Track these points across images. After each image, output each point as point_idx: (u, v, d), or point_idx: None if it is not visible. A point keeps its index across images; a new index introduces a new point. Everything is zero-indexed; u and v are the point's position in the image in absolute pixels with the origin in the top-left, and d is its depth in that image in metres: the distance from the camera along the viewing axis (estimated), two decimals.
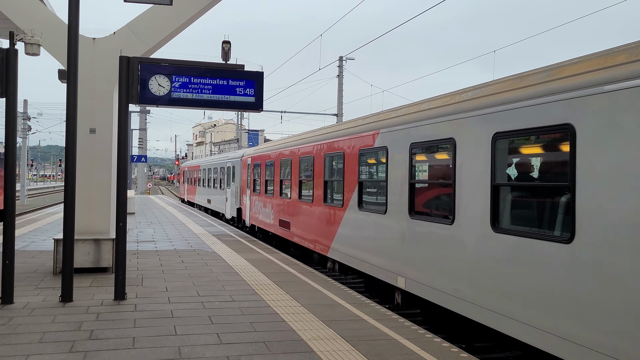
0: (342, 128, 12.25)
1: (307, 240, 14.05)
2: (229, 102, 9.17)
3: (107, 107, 11.33)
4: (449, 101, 8.16)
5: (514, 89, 6.73)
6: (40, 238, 16.70)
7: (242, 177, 23.22)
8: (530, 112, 6.29)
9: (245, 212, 22.22)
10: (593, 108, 5.45)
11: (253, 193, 20.75)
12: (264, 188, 18.86)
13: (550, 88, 6.07)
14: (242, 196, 22.79)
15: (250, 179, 21.30)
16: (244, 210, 22.67)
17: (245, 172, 22.64)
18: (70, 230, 8.55)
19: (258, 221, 19.76)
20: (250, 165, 21.39)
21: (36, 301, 8.55)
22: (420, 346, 6.58)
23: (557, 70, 6.17)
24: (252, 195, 20.87)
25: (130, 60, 8.80)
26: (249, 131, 76.53)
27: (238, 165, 23.83)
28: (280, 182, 16.87)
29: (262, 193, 19.12)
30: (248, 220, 21.61)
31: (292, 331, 7.13)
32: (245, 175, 22.45)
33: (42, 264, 12.00)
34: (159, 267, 11.92)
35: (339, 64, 37.05)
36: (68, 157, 8.66)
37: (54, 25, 11.25)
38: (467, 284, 7.27)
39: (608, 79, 5.30)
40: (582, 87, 5.62)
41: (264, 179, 18.99)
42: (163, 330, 7.07)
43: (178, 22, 11.52)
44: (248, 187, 21.72)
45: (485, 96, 7.27)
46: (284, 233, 16.37)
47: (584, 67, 5.71)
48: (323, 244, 12.77)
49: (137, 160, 48.75)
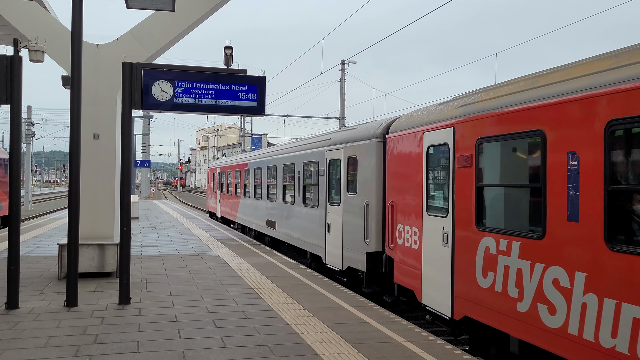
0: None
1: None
2: (232, 107, 9.22)
3: (110, 113, 11.40)
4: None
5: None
6: (44, 243, 16.76)
7: (391, 180, 9.86)
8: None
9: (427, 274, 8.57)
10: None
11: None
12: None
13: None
14: (392, 223, 9.66)
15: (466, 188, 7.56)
16: (401, 261, 9.37)
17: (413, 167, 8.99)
18: (74, 235, 8.61)
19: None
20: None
21: (41, 306, 8.60)
22: (424, 348, 6.60)
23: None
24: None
25: (133, 66, 8.87)
26: (252, 135, 76.75)
27: (371, 155, 10.70)
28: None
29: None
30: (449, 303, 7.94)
31: (296, 334, 7.15)
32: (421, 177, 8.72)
33: (46, 269, 12.06)
34: (163, 271, 11.96)
35: (341, 67, 37.13)
36: (72, 163, 8.73)
37: (57, 32, 11.34)
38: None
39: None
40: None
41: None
42: (167, 334, 7.10)
43: (180, 27, 11.60)
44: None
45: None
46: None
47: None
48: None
49: (141, 165, 48.81)
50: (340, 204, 12.03)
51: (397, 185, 9.56)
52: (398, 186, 9.51)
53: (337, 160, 12.36)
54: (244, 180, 22.40)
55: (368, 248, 10.56)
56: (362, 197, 10.88)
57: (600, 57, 5.86)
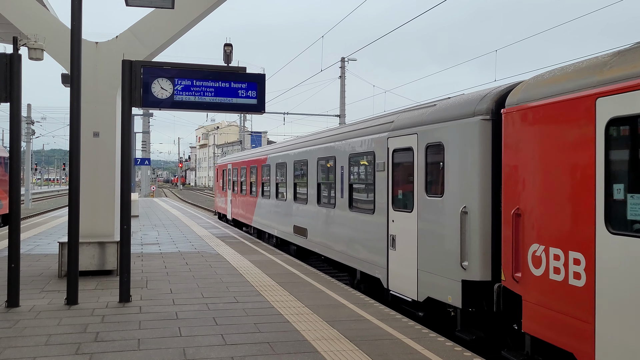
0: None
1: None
2: (232, 105, 9.22)
3: (110, 111, 11.39)
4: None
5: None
6: (45, 242, 16.77)
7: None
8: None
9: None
10: None
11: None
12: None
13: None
14: (519, 241, 6.60)
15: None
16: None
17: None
18: (75, 233, 8.61)
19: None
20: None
21: (42, 304, 8.60)
22: (424, 345, 6.61)
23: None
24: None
25: (132, 64, 8.86)
26: (252, 133, 76.80)
27: (471, 139, 7.73)
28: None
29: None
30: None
31: (296, 331, 7.16)
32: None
33: (47, 267, 12.06)
34: (163, 269, 11.96)
35: (340, 65, 37.11)
36: (72, 161, 8.72)
37: (57, 30, 11.32)
38: None
39: None
40: None
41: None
42: (168, 331, 7.11)
43: (180, 25, 11.58)
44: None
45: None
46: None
47: None
48: None
49: (141, 163, 48.83)
50: (413, 210, 8.92)
51: (531, 183, 6.39)
52: (534, 184, 6.34)
53: (408, 149, 9.18)
54: (263, 177, 19.12)
55: (466, 275, 7.59)
56: (455, 201, 7.92)
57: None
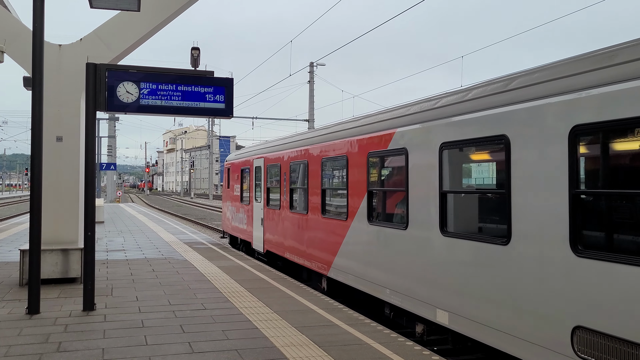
0: None
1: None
2: (199, 109, 9.12)
3: (74, 115, 11.14)
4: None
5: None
6: (5, 249, 16.30)
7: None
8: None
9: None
10: None
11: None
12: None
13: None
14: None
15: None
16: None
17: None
18: (36, 240, 8.38)
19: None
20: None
21: (1, 314, 8.33)
22: (393, 350, 6.63)
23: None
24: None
25: (97, 67, 8.69)
26: (220, 137, 76.29)
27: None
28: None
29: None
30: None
31: (265, 338, 7.10)
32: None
33: (7, 275, 11.72)
34: (129, 276, 11.74)
35: (309, 69, 37.21)
36: (34, 166, 8.49)
37: (17, 32, 11.04)
38: None
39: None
40: None
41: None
42: (133, 340, 6.96)
43: (146, 28, 11.41)
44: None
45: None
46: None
47: None
48: None
49: (106, 168, 48.05)
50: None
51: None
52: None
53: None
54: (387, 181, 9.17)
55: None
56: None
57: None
